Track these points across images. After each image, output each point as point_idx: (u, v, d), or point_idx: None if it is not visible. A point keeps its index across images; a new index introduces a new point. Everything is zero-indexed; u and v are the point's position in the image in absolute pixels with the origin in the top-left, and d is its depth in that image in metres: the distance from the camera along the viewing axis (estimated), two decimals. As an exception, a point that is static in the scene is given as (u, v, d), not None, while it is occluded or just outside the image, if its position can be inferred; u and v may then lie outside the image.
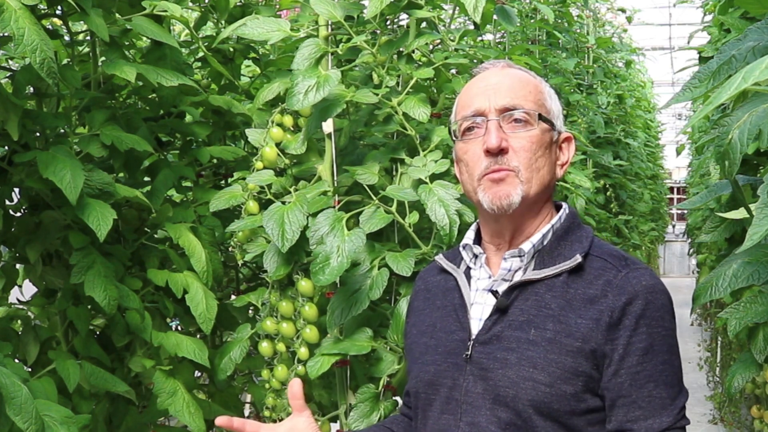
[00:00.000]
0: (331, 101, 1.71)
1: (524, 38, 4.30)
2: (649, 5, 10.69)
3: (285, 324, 1.80)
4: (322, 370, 1.69)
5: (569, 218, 1.29)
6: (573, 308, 1.18)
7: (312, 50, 1.75)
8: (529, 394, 1.15)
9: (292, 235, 1.67)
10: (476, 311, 1.26)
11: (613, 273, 1.19)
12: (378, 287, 1.66)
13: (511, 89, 1.25)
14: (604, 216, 5.06)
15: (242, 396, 2.46)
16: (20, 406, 1.36)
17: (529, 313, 1.20)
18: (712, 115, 2.75)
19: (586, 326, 1.16)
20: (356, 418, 1.70)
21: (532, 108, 1.24)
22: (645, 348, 1.15)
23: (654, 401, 1.15)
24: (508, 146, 1.22)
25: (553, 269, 1.21)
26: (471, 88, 1.30)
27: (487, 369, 1.19)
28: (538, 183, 1.24)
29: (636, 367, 1.15)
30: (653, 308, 1.17)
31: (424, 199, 1.67)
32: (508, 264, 1.25)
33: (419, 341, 1.33)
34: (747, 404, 4.55)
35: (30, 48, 1.41)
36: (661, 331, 1.17)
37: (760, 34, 1.19)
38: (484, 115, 1.24)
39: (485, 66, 1.33)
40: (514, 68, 1.31)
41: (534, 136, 1.23)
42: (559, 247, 1.25)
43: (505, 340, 1.20)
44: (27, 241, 1.83)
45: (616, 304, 1.16)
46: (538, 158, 1.24)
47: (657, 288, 1.19)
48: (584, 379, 1.16)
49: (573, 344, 1.16)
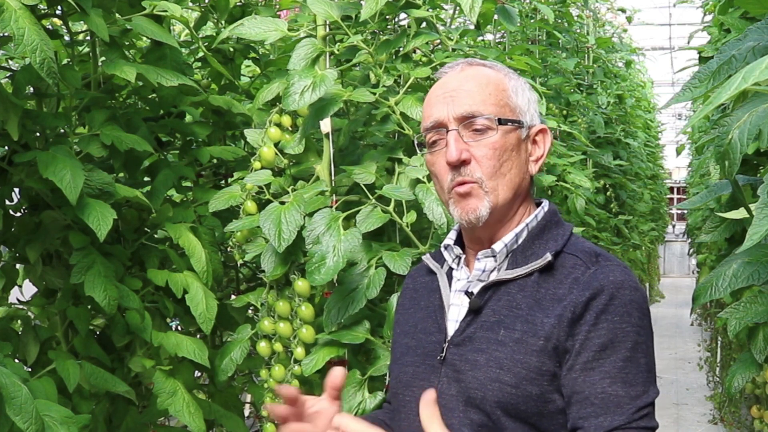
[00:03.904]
0: (327, 101, 1.71)
1: (524, 38, 4.30)
2: (649, 5, 10.68)
3: (282, 324, 1.80)
4: (317, 367, 1.69)
5: (547, 216, 1.27)
6: (542, 308, 1.16)
7: (308, 50, 1.75)
8: (495, 396, 1.14)
9: (288, 235, 1.67)
10: (453, 312, 1.25)
11: (581, 270, 1.17)
12: (375, 286, 1.67)
13: (469, 95, 1.22)
14: (604, 216, 5.06)
15: (242, 396, 2.46)
16: (20, 406, 1.36)
17: (501, 314, 1.18)
18: (712, 115, 2.75)
19: (549, 324, 1.14)
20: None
21: (492, 112, 1.21)
22: (603, 344, 1.11)
23: (608, 399, 1.10)
24: (469, 157, 1.20)
25: (524, 269, 1.20)
26: (431, 96, 1.27)
27: (460, 371, 1.19)
28: (506, 188, 1.22)
29: (592, 363, 1.11)
30: (618, 304, 1.13)
31: (422, 199, 1.67)
32: (482, 264, 1.24)
33: (401, 341, 1.33)
34: (747, 404, 4.55)
35: (30, 48, 1.42)
36: (626, 327, 1.12)
37: (760, 34, 1.19)
38: (444, 126, 1.22)
39: (444, 70, 1.29)
40: (475, 67, 1.27)
41: (495, 142, 1.21)
42: (533, 246, 1.23)
43: (477, 341, 1.19)
44: (27, 241, 1.83)
45: (580, 299, 1.13)
46: (503, 163, 1.21)
47: (625, 284, 1.15)
48: (549, 378, 1.13)
49: (537, 343, 1.14)
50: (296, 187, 1.85)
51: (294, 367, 1.79)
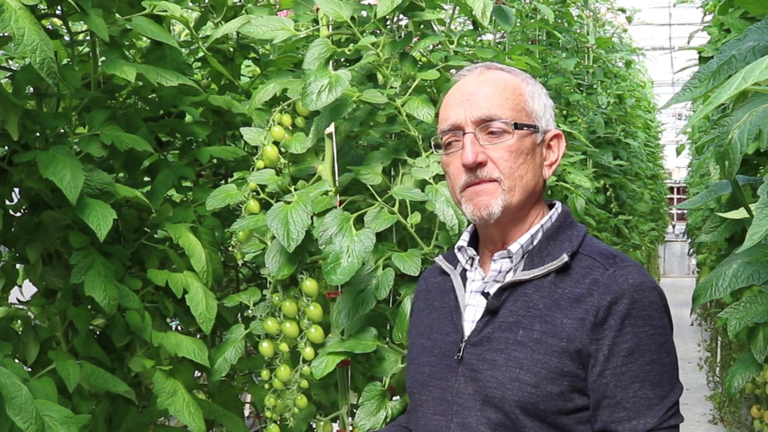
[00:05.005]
0: (341, 101, 1.71)
1: (524, 38, 4.30)
2: (649, 5, 10.68)
3: (288, 324, 1.79)
4: (328, 370, 1.68)
5: (561, 218, 1.28)
6: (560, 308, 1.17)
7: (322, 50, 1.73)
8: (515, 395, 1.15)
9: (297, 235, 1.66)
10: (470, 313, 1.27)
11: (600, 272, 1.19)
12: (384, 287, 1.66)
13: (487, 98, 1.24)
14: (604, 216, 5.06)
15: (242, 396, 2.46)
16: (20, 406, 1.36)
17: (518, 314, 1.20)
18: (712, 115, 2.75)
19: (571, 326, 1.16)
20: (363, 417, 1.67)
21: (509, 116, 1.23)
22: (630, 348, 1.14)
23: (639, 402, 1.14)
24: (486, 159, 1.22)
25: (540, 269, 1.21)
26: (449, 99, 1.29)
27: (477, 370, 1.20)
28: (521, 190, 1.23)
29: (621, 368, 1.14)
30: (640, 307, 1.16)
31: (432, 200, 1.67)
32: (498, 265, 1.26)
33: (417, 342, 1.35)
34: (747, 404, 4.55)
35: (30, 48, 1.41)
36: (649, 330, 1.16)
37: (760, 34, 1.18)
38: (460, 129, 1.24)
39: (462, 73, 1.31)
40: (493, 71, 1.29)
41: (512, 145, 1.22)
42: (548, 247, 1.24)
43: (495, 342, 1.20)
44: (27, 241, 1.83)
45: (602, 303, 1.15)
46: (519, 166, 1.23)
47: (645, 286, 1.17)
48: (570, 379, 1.15)
49: (558, 344, 1.15)
50: (297, 187, 1.85)
51: (303, 367, 1.78)
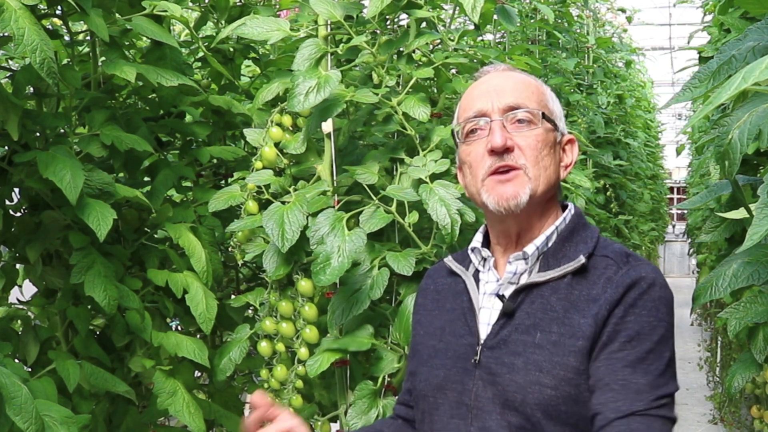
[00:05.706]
0: (331, 101, 1.71)
1: (524, 38, 4.30)
2: (649, 5, 10.68)
3: (284, 324, 1.80)
4: (322, 368, 1.68)
5: (574, 219, 1.28)
6: (577, 309, 1.17)
7: (312, 50, 1.74)
8: (535, 398, 1.15)
9: (291, 235, 1.67)
10: (484, 315, 1.26)
11: (614, 270, 1.19)
12: (379, 287, 1.66)
13: (514, 89, 1.25)
14: (604, 216, 5.06)
15: (242, 396, 2.46)
16: (20, 406, 1.36)
17: (535, 317, 1.19)
18: (712, 115, 2.75)
19: (587, 324, 1.15)
20: (354, 416, 1.69)
21: (536, 107, 1.24)
22: (629, 335, 1.13)
23: (628, 385, 1.11)
24: (513, 144, 1.22)
25: (557, 271, 1.21)
26: (473, 91, 1.29)
27: (496, 374, 1.19)
28: (546, 181, 1.23)
29: (616, 353, 1.13)
30: (647, 299, 1.15)
31: (426, 199, 1.67)
32: (513, 267, 1.25)
33: (427, 343, 1.33)
34: (747, 404, 4.55)
35: (30, 48, 1.42)
36: (653, 320, 1.15)
37: (760, 34, 1.19)
38: (487, 116, 1.24)
39: (486, 69, 1.33)
40: (516, 71, 1.31)
41: (539, 134, 1.23)
42: (563, 248, 1.24)
43: (512, 344, 1.19)
44: (27, 241, 1.83)
45: (614, 298, 1.15)
46: (544, 157, 1.23)
47: (656, 282, 1.17)
48: (586, 378, 1.14)
49: (576, 344, 1.15)
50: (297, 187, 1.85)
51: (298, 367, 1.78)
